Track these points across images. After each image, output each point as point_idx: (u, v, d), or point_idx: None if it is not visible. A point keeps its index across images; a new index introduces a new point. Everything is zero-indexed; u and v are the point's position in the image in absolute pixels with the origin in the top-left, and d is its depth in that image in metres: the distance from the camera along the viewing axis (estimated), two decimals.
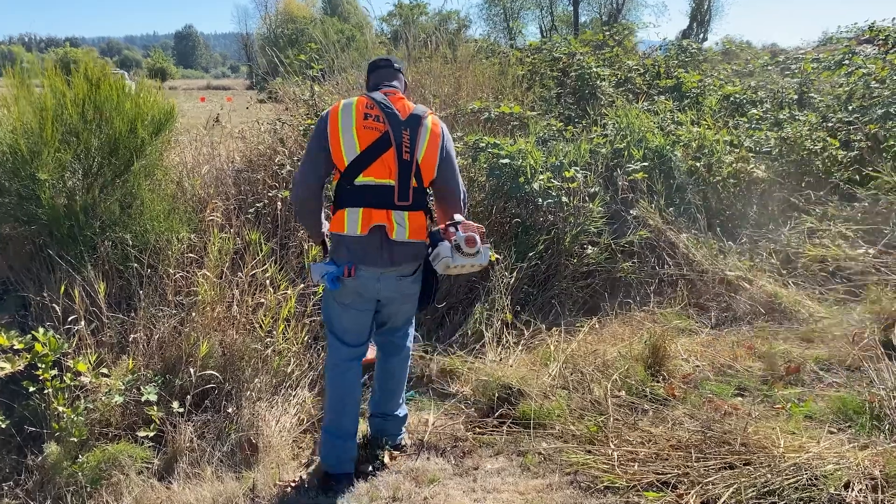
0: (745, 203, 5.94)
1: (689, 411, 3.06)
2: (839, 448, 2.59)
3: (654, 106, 7.12)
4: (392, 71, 3.09)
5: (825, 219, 5.43)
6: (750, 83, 8.27)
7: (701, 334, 4.38)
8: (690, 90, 7.88)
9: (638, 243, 5.46)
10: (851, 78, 6.95)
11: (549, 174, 5.54)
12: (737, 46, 17.97)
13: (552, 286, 5.23)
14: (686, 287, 5.01)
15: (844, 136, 6.30)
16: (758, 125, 6.82)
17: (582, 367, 3.74)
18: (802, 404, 3.17)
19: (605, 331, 4.53)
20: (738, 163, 6.12)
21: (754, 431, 2.72)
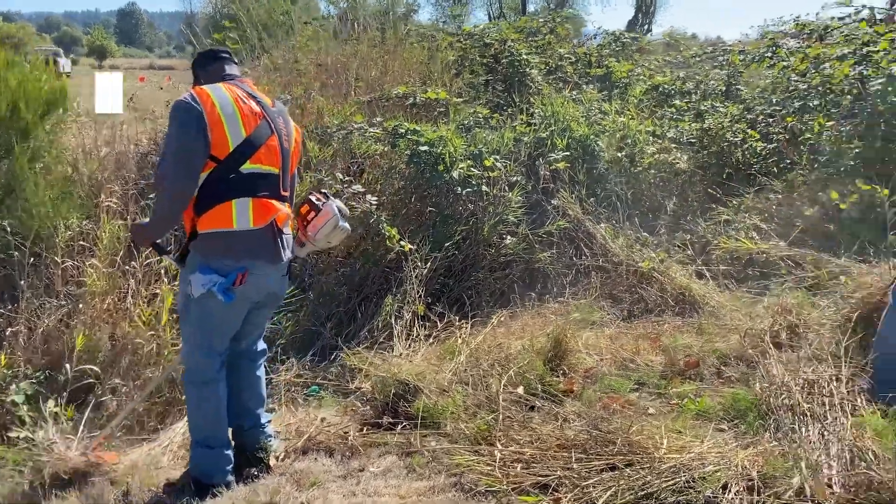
0: (666, 194, 5.93)
1: (578, 409, 2.99)
2: (722, 448, 2.55)
3: (582, 95, 7.06)
4: (234, 63, 2.93)
5: (741, 210, 5.45)
6: (679, 74, 8.29)
7: (611, 327, 4.33)
8: (620, 80, 7.86)
9: (557, 233, 5.39)
10: (773, 70, 7.02)
11: (470, 162, 5.43)
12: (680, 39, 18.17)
13: (469, 277, 5.13)
14: (600, 278, 4.97)
15: (764, 129, 6.34)
16: (681, 116, 6.83)
17: (484, 361, 3.64)
18: (697, 401, 3.13)
19: (516, 323, 4.45)
20: (659, 153, 6.11)
21: (639, 430, 2.66)
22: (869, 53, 5.77)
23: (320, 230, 2.80)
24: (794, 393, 2.80)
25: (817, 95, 5.99)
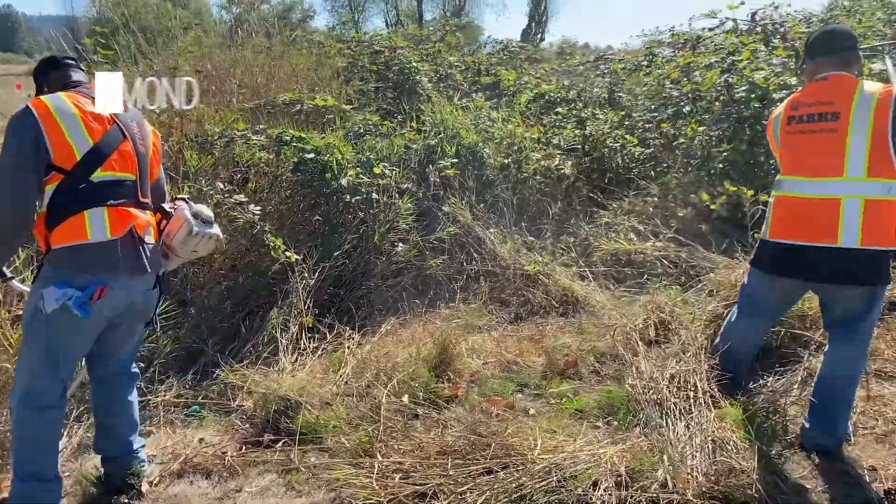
0: (551, 199, 6.09)
1: (459, 415, 3.01)
2: (593, 445, 2.62)
3: (471, 103, 7.16)
4: (80, 70, 2.80)
5: (621, 213, 5.66)
6: (564, 82, 8.55)
7: (498, 330, 4.39)
8: (508, 88, 8.02)
9: (447, 240, 5.43)
10: (650, 78, 7.35)
11: (359, 170, 5.39)
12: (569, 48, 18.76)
13: (359, 286, 5.08)
14: (489, 282, 5.04)
15: (642, 134, 6.62)
16: (563, 123, 7.04)
17: (370, 371, 3.60)
18: (575, 399, 3.22)
19: (406, 331, 4.43)
20: (544, 160, 6.27)
21: (514, 433, 2.70)
22: (734, 62, 6.13)
23: (174, 238, 2.67)
24: (661, 388, 2.92)
25: (689, 102, 6.31)
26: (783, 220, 2.88)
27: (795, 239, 2.81)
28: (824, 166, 2.73)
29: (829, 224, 2.69)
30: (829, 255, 2.72)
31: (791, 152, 2.88)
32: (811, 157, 2.78)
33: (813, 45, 2.96)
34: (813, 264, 2.78)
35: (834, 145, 2.70)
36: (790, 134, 2.87)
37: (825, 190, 2.72)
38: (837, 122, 2.69)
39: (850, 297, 2.79)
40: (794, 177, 2.85)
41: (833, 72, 2.82)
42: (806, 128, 2.79)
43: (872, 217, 2.65)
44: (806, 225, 2.77)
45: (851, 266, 2.70)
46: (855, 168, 2.66)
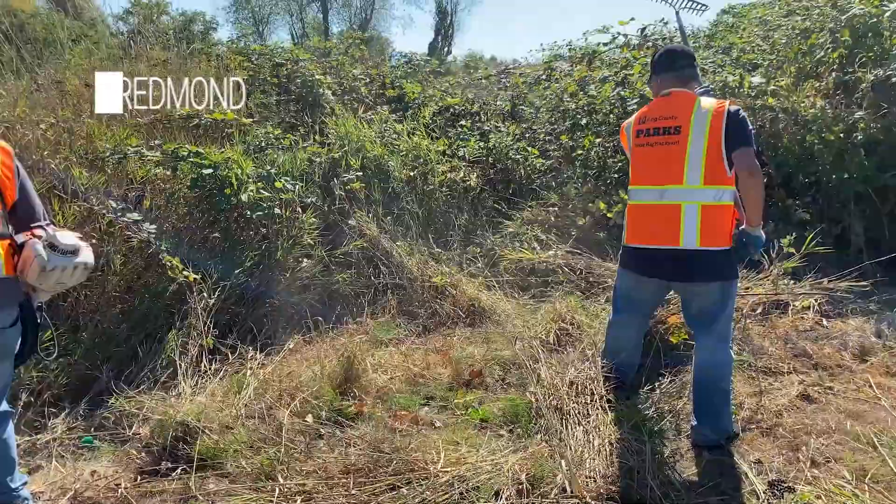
0: (458, 210, 6.16)
1: (363, 432, 2.98)
2: (495, 455, 2.66)
3: (375, 116, 7.16)
4: None
5: (525, 223, 5.78)
6: (468, 95, 8.68)
7: (405, 343, 4.39)
8: (413, 101, 8.07)
9: (354, 254, 5.39)
10: (549, 91, 7.56)
11: (261, 184, 5.28)
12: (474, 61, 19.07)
13: (263, 304, 4.97)
14: (397, 295, 5.03)
15: (543, 146, 6.80)
16: (468, 136, 7.15)
17: (273, 392, 3.52)
18: (480, 409, 3.25)
19: (311, 348, 4.37)
20: (450, 172, 6.34)
21: (418, 447, 2.70)
22: (626, 77, 6.39)
23: (28, 275, 2.38)
24: (561, 394, 3.00)
25: (585, 115, 6.53)
26: (635, 226, 3.11)
27: (647, 243, 3.06)
28: (666, 175, 2.96)
29: (672, 228, 2.94)
30: (675, 256, 2.96)
31: (639, 163, 3.10)
32: (655, 168, 3.01)
33: (656, 64, 3.20)
34: (664, 265, 3.02)
35: (675, 156, 2.93)
36: (639, 146, 3.08)
37: (667, 197, 2.96)
38: (679, 135, 2.92)
39: (703, 293, 3.01)
40: (642, 186, 3.07)
41: (674, 88, 3.05)
42: (651, 140, 3.01)
43: (709, 221, 2.90)
44: (653, 229, 3.02)
45: (697, 265, 2.94)
46: (693, 177, 2.90)
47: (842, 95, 5.82)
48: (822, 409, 3.35)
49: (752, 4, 12.91)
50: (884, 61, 5.57)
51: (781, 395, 3.47)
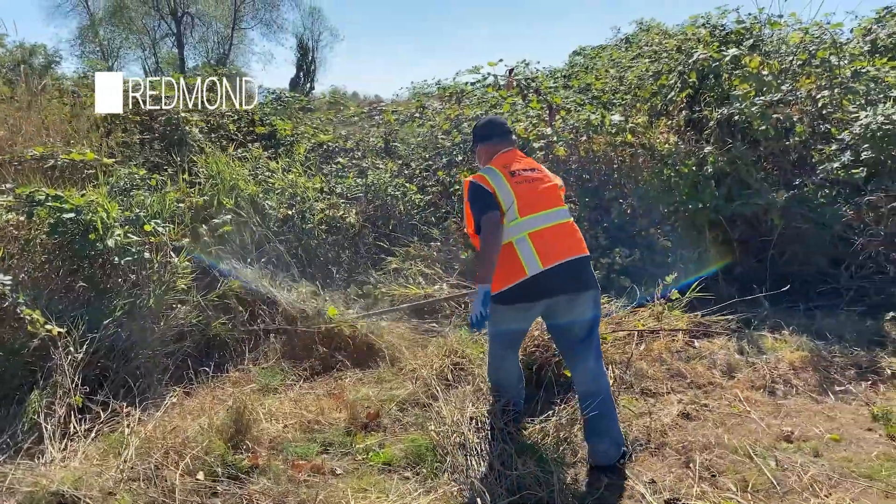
0: (339, 248, 6.09)
1: (263, 487, 2.85)
2: (406, 499, 2.62)
3: (247, 153, 6.98)
4: None
5: (408, 259, 5.82)
6: (341, 132, 8.67)
7: (294, 389, 4.25)
8: (285, 138, 7.95)
9: (232, 297, 5.18)
10: (423, 129, 7.71)
11: (128, 228, 4.97)
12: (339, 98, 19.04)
13: (136, 356, 4.64)
14: (280, 339, 4.87)
15: (421, 182, 6.89)
16: (345, 173, 7.13)
17: (158, 450, 3.29)
18: (381, 452, 3.20)
19: (194, 401, 4.12)
20: (329, 209, 6.27)
21: (326, 498, 2.61)
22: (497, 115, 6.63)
23: None
24: (462, 431, 3.01)
25: (460, 151, 6.70)
26: (546, 248, 3.22)
27: (564, 257, 3.22)
28: (551, 201, 3.35)
29: (576, 240, 3.32)
30: (582, 265, 3.27)
31: (526, 198, 3.29)
32: (542, 196, 3.33)
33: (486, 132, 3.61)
34: (571, 278, 3.22)
35: (548, 185, 3.38)
36: (519, 184, 3.31)
37: (559, 217, 3.33)
38: (541, 173, 3.42)
39: (587, 304, 3.26)
40: (534, 214, 3.27)
41: (509, 147, 3.52)
42: (527, 178, 3.36)
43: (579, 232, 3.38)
44: (568, 243, 3.28)
45: (588, 272, 3.30)
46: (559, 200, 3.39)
47: (692, 132, 6.36)
48: (701, 426, 3.58)
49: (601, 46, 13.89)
50: (725, 101, 6.14)
51: (664, 414, 3.68)
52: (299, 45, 36.56)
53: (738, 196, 5.80)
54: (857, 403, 3.89)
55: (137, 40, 35.98)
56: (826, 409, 3.84)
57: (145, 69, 34.92)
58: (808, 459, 3.21)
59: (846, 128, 5.69)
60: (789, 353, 4.41)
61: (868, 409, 3.78)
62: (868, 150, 5.35)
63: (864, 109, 5.63)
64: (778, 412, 3.78)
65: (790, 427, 3.58)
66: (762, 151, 6.05)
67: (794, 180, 5.85)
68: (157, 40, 36.29)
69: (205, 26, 36.85)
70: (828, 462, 3.18)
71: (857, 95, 5.84)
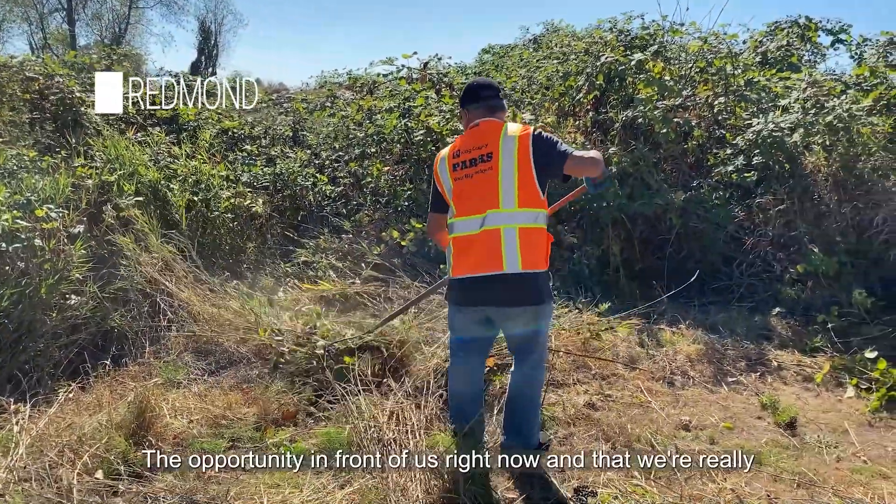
0: (245, 238, 5.93)
1: (170, 484, 2.74)
2: (320, 493, 2.59)
3: (148, 137, 6.67)
4: None
5: (318, 251, 5.73)
6: (247, 119, 8.42)
7: (199, 384, 4.10)
8: (188, 122, 7.64)
9: (130, 288, 4.94)
10: (334, 119, 7.60)
11: (17, 213, 4.65)
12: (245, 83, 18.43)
13: (25, 348, 4.36)
14: (182, 332, 4.69)
15: (332, 173, 6.80)
16: (253, 160, 6.94)
17: (52, 448, 3.10)
18: (293, 447, 3.14)
19: (90, 396, 3.90)
20: (235, 198, 6.09)
21: (238, 494, 2.55)
22: (410, 108, 6.64)
23: None
24: (381, 425, 3.01)
25: (373, 143, 6.66)
26: (459, 257, 3.05)
27: (471, 272, 3.00)
28: (484, 202, 2.97)
29: (494, 253, 2.93)
30: (499, 282, 2.94)
31: (458, 197, 3.07)
32: (473, 197, 3.01)
33: (464, 97, 3.23)
34: (486, 292, 2.98)
35: (490, 182, 2.97)
36: (457, 180, 3.07)
37: (486, 223, 2.95)
38: (491, 160, 2.98)
39: (523, 318, 3.03)
40: (463, 217, 3.04)
41: (483, 118, 3.11)
42: (469, 172, 3.04)
43: (528, 243, 2.93)
44: (477, 258, 2.98)
45: (518, 289, 2.96)
46: (508, 200, 2.94)
47: (598, 133, 6.57)
48: (605, 416, 3.72)
49: (510, 46, 14.12)
50: (629, 104, 6.39)
51: (570, 405, 3.80)
52: (201, 27, 35.22)
53: (640, 196, 6.05)
54: (748, 393, 4.15)
55: (23, 13, 33.54)
56: (720, 398, 4.08)
57: (31, 45, 32.65)
58: (705, 446, 3.40)
59: (739, 133, 6.04)
60: (686, 346, 4.65)
61: (757, 399, 4.04)
62: (758, 156, 5.71)
63: (755, 117, 5.99)
64: (677, 402, 3.98)
65: (688, 416, 3.78)
66: (662, 154, 6.33)
67: (692, 182, 6.16)
68: (46, 14, 33.97)
69: (99, 3, 34.83)
70: (722, 448, 3.38)
71: (750, 103, 6.20)
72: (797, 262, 5.46)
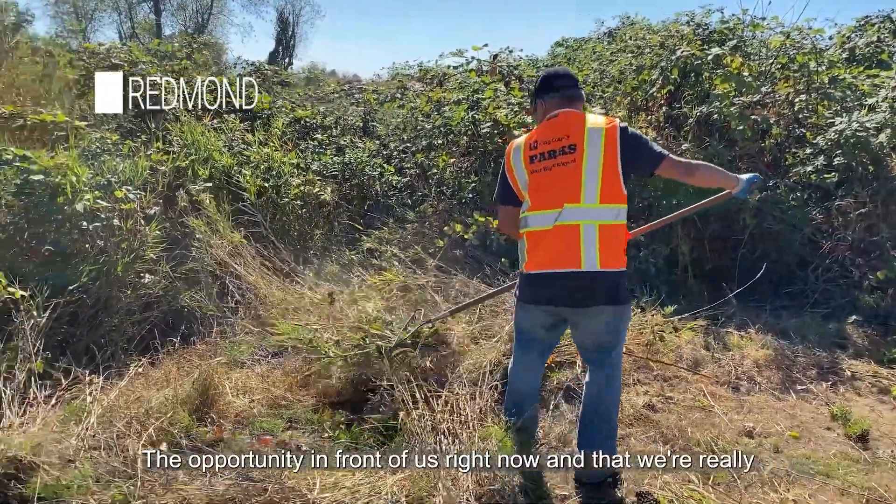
0: (313, 225, 6.04)
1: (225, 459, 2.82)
2: (372, 478, 2.62)
3: (223, 124, 6.87)
4: None
5: (383, 241, 5.78)
6: (319, 108, 8.57)
7: (262, 364, 4.21)
8: (262, 111, 7.83)
9: (202, 269, 5.11)
10: (403, 110, 7.65)
11: (98, 193, 4.87)
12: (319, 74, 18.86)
13: (101, 323, 4.57)
14: (249, 313, 4.82)
15: (399, 163, 6.85)
16: (322, 149, 7.06)
17: (120, 419, 3.24)
18: (349, 431, 3.19)
19: (159, 371, 4.06)
20: (305, 185, 6.21)
21: (291, 473, 2.60)
22: (478, 100, 6.61)
23: None
24: (436, 414, 3.02)
25: (440, 135, 6.67)
26: (535, 252, 2.92)
27: (545, 268, 2.87)
28: (563, 196, 2.83)
29: (572, 250, 2.79)
30: (573, 280, 2.80)
31: (535, 190, 2.93)
32: (552, 190, 2.87)
33: (540, 87, 3.09)
34: (562, 291, 2.84)
35: (571, 175, 2.82)
36: (534, 173, 2.93)
37: (564, 217, 2.81)
38: (574, 153, 2.82)
39: (600, 319, 2.88)
40: (538, 211, 2.91)
41: (561, 109, 2.96)
42: (547, 164, 2.88)
43: (607, 241, 2.78)
44: (553, 254, 2.84)
45: (596, 289, 2.81)
46: (590, 195, 2.79)
47: (671, 128, 6.40)
48: (665, 418, 3.63)
49: (584, 39, 13.91)
50: (705, 100, 6.19)
51: (629, 405, 3.72)
52: (280, 18, 36.05)
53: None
54: (818, 403, 3.98)
55: (113, 3, 35.09)
56: (787, 406, 3.92)
57: (120, 34, 34.12)
58: (769, 455, 3.28)
59: (820, 133, 5.77)
60: (754, 351, 4.49)
61: (827, 409, 3.87)
62: (840, 156, 5.44)
63: (839, 116, 5.71)
64: (741, 408, 3.85)
65: (752, 423, 3.65)
66: (738, 151, 6.11)
67: (768, 181, 5.93)
68: (134, 4, 35.44)
69: None
70: (787, 458, 3.25)
71: (834, 102, 5.92)
72: (877, 268, 5.20)
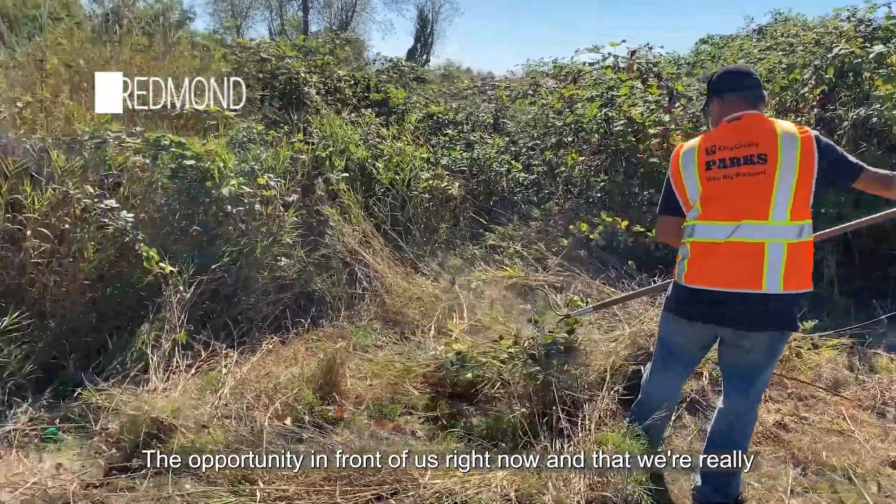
0: (439, 218, 6.13)
1: (346, 438, 2.93)
2: (482, 470, 2.62)
3: (360, 118, 7.12)
4: None
5: (506, 238, 5.78)
6: (452, 105, 8.69)
7: (384, 350, 4.32)
8: (397, 106, 8.04)
9: (333, 256, 5.32)
10: (534, 107, 7.61)
11: (242, 179, 5.19)
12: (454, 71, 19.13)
13: (239, 302, 4.87)
14: (376, 301, 4.97)
15: (526, 160, 6.82)
16: (452, 145, 7.15)
17: (250, 392, 3.44)
18: (464, 422, 3.22)
19: (288, 350, 4.28)
20: (434, 180, 6.32)
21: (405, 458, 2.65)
22: (613, 97, 6.45)
23: None
24: (551, 413, 2.98)
25: (571, 132, 6.57)
26: (702, 265, 2.67)
27: (715, 285, 2.62)
28: (748, 210, 2.56)
29: (753, 270, 2.54)
30: (749, 301, 2.57)
31: (710, 199, 2.66)
32: (733, 202, 2.60)
33: (720, 85, 2.79)
34: (730, 311, 2.61)
35: (760, 189, 2.54)
36: (711, 180, 2.64)
37: (743, 233, 2.55)
38: (766, 164, 2.54)
39: (758, 344, 2.66)
40: (709, 221, 2.65)
41: (745, 111, 2.67)
42: (729, 172, 2.60)
43: (794, 261, 2.53)
44: (727, 271, 2.59)
45: (768, 311, 2.58)
46: (779, 212, 2.52)
47: (823, 131, 5.95)
48: (797, 439, 3.39)
49: (731, 36, 13.22)
50: (864, 101, 5.71)
51: (759, 422, 3.50)
52: (420, 16, 36.92)
53: (868, 204, 5.40)
54: None
55: (266, 1, 37.29)
56: None
57: (270, 31, 36.20)
58: None
59: None
60: None
61: None
62: None
63: None
64: (886, 436, 3.53)
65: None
66: None
67: None
68: (284, 2, 37.48)
69: None
70: None
71: None
72: None
